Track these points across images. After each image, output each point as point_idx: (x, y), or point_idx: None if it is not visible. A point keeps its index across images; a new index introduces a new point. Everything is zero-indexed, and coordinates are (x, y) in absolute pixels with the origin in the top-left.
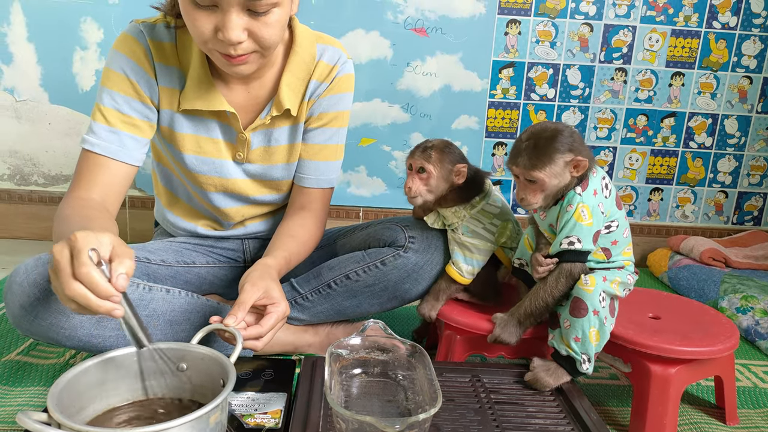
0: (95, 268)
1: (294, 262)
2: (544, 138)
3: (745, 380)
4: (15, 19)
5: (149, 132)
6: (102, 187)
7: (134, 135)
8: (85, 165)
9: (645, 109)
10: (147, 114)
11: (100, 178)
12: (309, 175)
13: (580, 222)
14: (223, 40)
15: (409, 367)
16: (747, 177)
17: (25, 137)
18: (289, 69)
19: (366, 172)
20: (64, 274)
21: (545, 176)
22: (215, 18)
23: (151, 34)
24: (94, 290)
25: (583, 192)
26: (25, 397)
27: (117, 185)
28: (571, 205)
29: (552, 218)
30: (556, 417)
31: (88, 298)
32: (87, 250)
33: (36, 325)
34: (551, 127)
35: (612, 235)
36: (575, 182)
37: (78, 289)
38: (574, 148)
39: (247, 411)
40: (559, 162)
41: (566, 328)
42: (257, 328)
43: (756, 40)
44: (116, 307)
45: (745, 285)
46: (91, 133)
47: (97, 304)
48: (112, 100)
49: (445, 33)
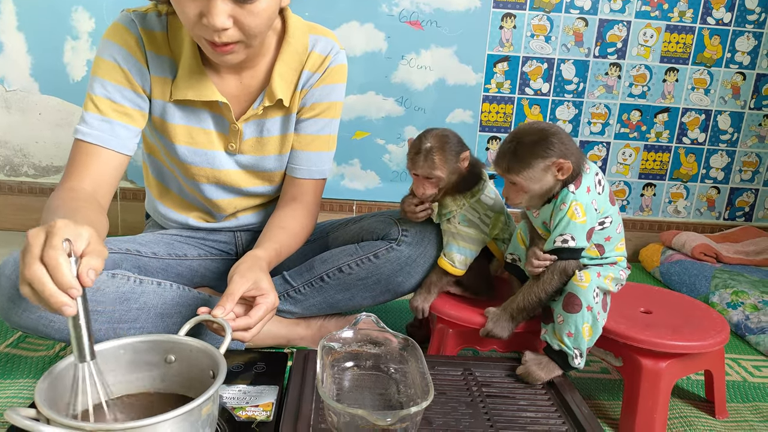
0: (64, 255)
1: (285, 254)
2: (526, 142)
3: (735, 374)
4: (5, 8)
5: (141, 121)
6: (94, 177)
7: (126, 124)
8: (77, 155)
9: (639, 104)
10: (139, 103)
11: (92, 167)
12: (301, 165)
13: (574, 220)
14: (207, 25)
15: (401, 361)
16: (739, 173)
17: (15, 128)
18: (282, 59)
19: (360, 165)
20: (30, 255)
21: (522, 180)
22: (201, 3)
23: (143, 23)
24: (54, 276)
25: (576, 190)
26: (14, 390)
27: (109, 175)
28: (565, 203)
29: (545, 216)
30: (547, 410)
31: (44, 284)
32: (62, 237)
33: (25, 317)
34: (536, 128)
35: (605, 231)
36: (561, 183)
37: (37, 272)
38: (557, 152)
39: (239, 404)
40: (537, 167)
41: (559, 323)
42: (246, 319)
43: (750, 37)
44: (69, 303)
45: (735, 280)
46: (83, 123)
47: (51, 292)
48: (104, 89)
49: (440, 26)
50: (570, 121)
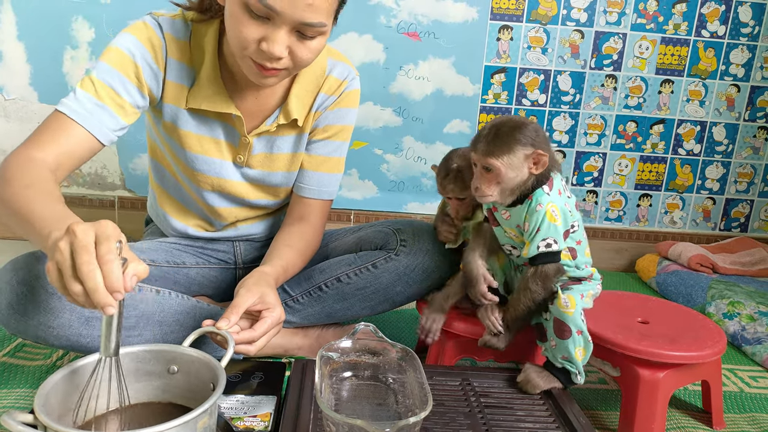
0: (118, 259)
1: (291, 272)
2: (507, 127)
3: (732, 385)
4: (4, 17)
5: (132, 118)
6: (60, 153)
7: (117, 116)
8: (53, 126)
9: (634, 115)
10: (137, 101)
11: (64, 144)
12: (311, 186)
13: (554, 222)
14: (266, 51)
15: (400, 371)
16: (734, 184)
17: (14, 136)
18: (300, 80)
19: (357, 175)
20: (88, 252)
21: (501, 165)
22: (264, 29)
23: (169, 29)
24: (107, 278)
25: (551, 191)
26: (11, 399)
27: (77, 157)
28: (541, 204)
29: (518, 218)
30: (545, 421)
31: (98, 284)
32: (116, 239)
33: (24, 323)
34: (516, 119)
35: (576, 235)
36: (533, 180)
37: (94, 271)
38: (536, 143)
39: (237, 414)
40: (518, 153)
41: (553, 347)
42: (250, 332)
43: (744, 49)
44: (113, 304)
45: (732, 291)
46: (73, 98)
47: (101, 293)
48: (109, 76)
49: (437, 38)
50: (566, 132)
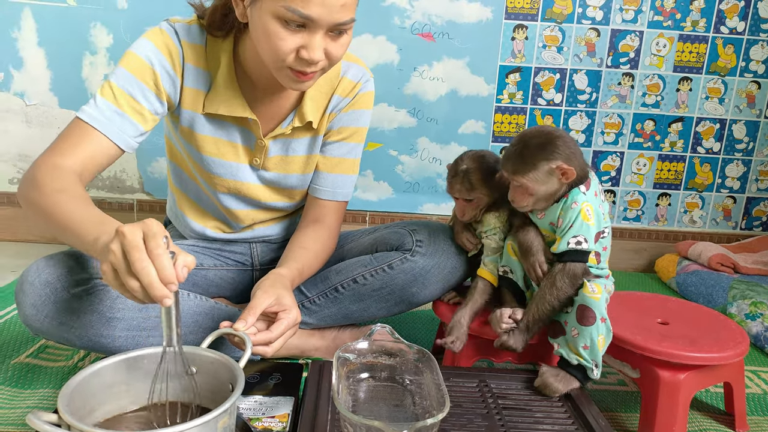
0: (167, 253)
1: (307, 274)
2: (532, 145)
3: (755, 387)
4: (25, 24)
5: (151, 124)
6: (83, 159)
7: (136, 123)
8: (75, 133)
9: (652, 113)
10: (156, 108)
11: (87, 151)
12: (326, 187)
13: (587, 222)
14: (307, 59)
15: (417, 372)
16: (755, 182)
17: (35, 141)
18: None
19: (372, 177)
20: (139, 250)
21: (528, 182)
22: (300, 38)
23: (185, 35)
24: (160, 272)
25: (587, 191)
26: (35, 400)
27: (99, 163)
28: (576, 202)
29: (552, 217)
30: (564, 423)
31: (153, 278)
32: (162, 235)
33: (47, 324)
34: (544, 132)
35: (604, 241)
36: (566, 187)
37: (147, 267)
38: (562, 155)
39: (255, 415)
40: (542, 169)
41: (574, 336)
42: (267, 334)
43: (764, 45)
44: (170, 295)
45: (754, 291)
46: (93, 105)
47: (157, 286)
48: (128, 83)
49: (451, 38)
50: (583, 131)
